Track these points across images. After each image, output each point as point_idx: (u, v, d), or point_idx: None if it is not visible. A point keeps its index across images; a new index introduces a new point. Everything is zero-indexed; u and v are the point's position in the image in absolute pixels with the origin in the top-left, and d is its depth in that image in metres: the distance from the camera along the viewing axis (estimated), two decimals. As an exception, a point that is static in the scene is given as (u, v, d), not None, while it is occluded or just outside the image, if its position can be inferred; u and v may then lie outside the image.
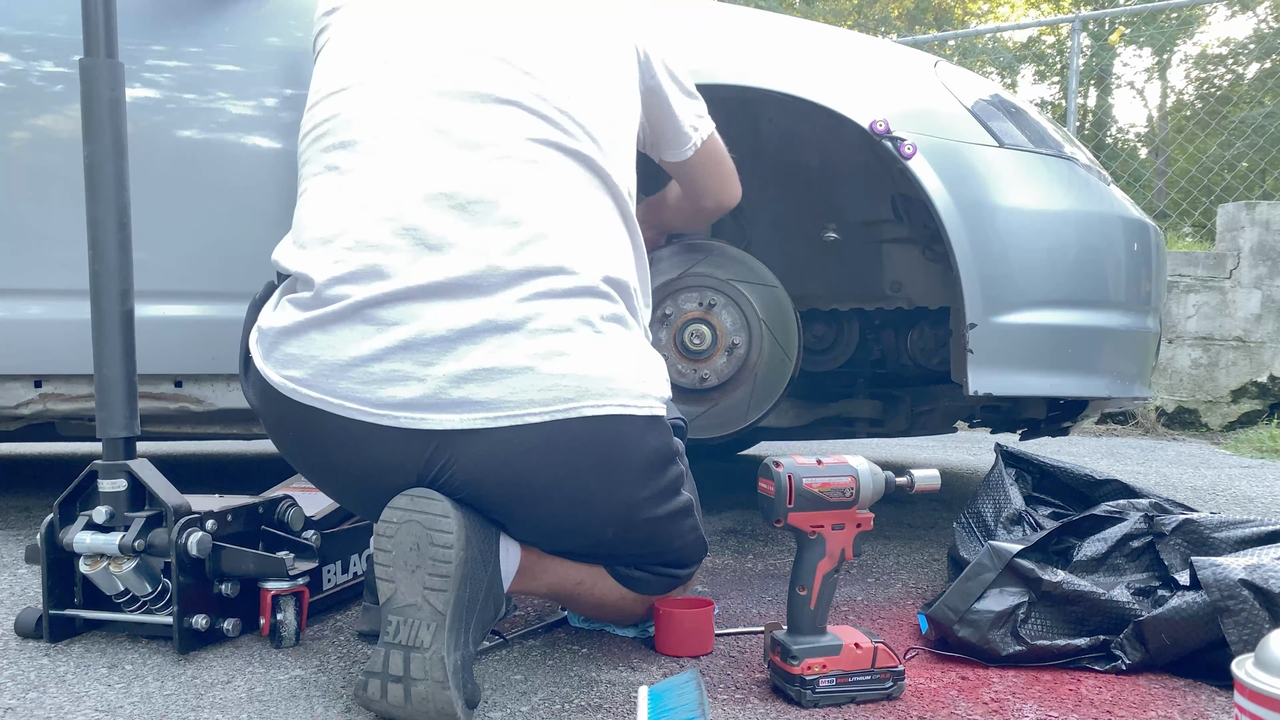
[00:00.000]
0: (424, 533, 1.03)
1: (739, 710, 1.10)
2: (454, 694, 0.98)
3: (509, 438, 1.05)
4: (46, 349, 1.87)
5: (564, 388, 1.05)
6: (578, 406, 1.06)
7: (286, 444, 1.21)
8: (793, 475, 1.12)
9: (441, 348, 1.04)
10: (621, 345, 1.13)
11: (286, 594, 1.30)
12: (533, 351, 1.05)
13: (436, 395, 1.04)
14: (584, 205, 1.17)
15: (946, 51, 10.33)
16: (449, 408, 1.04)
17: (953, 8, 18.75)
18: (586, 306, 1.10)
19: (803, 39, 2.03)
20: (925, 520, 2.37)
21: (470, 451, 1.06)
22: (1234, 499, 2.85)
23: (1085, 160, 2.06)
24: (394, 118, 1.16)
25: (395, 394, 1.04)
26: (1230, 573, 1.18)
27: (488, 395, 1.04)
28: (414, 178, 1.11)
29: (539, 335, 1.06)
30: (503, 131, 1.14)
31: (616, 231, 1.21)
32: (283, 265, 1.17)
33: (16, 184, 1.84)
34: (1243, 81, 14.86)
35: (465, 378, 1.04)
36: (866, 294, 2.32)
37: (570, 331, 1.08)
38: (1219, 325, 5.07)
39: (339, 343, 1.06)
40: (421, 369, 1.04)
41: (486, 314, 1.05)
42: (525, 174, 1.13)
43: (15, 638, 1.34)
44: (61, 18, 1.83)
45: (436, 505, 1.04)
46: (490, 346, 1.04)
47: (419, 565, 1.02)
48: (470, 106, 1.15)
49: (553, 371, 1.05)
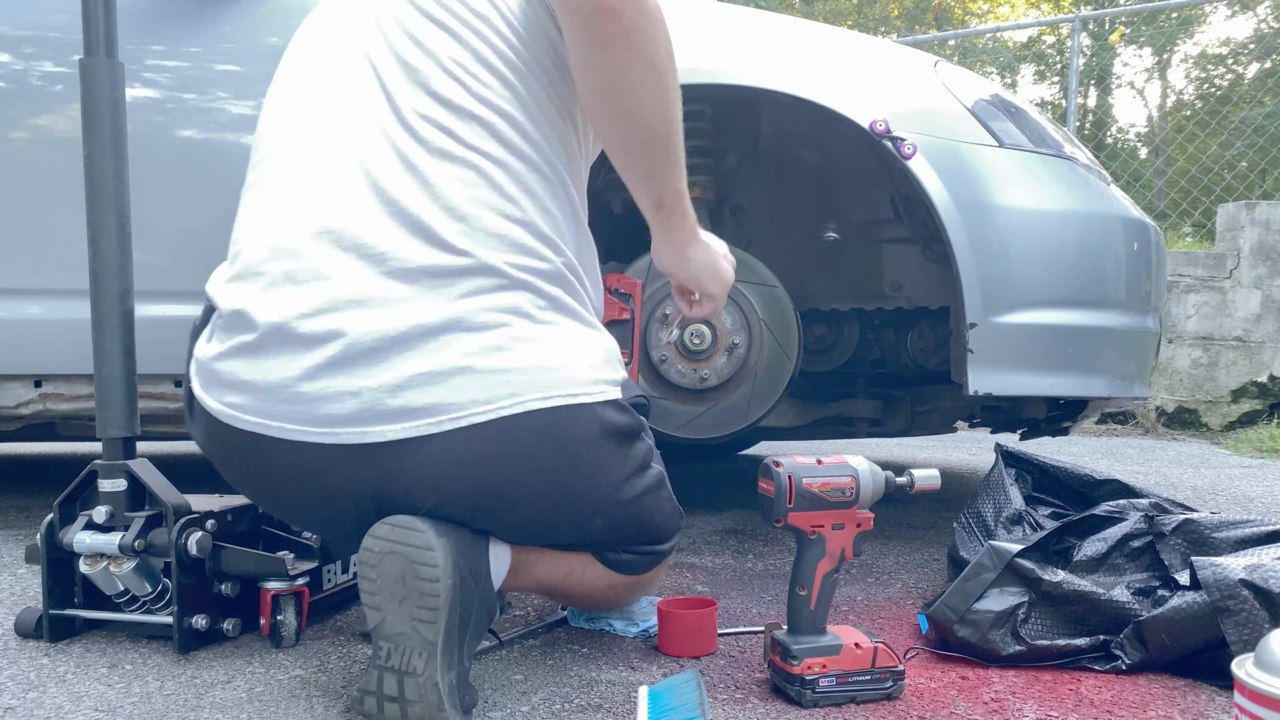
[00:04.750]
0: (408, 565, 0.99)
1: (739, 710, 1.10)
2: (450, 713, 0.97)
3: (458, 441, 1.01)
4: (46, 349, 1.87)
5: (506, 383, 1.01)
6: (523, 400, 1.02)
7: (239, 476, 1.17)
8: (793, 475, 1.12)
9: (371, 358, 1.00)
10: (562, 332, 1.08)
11: (286, 594, 1.30)
12: (467, 350, 1.01)
13: (374, 406, 1.00)
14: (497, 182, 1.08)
15: (946, 51, 10.33)
16: (390, 418, 1.00)
17: (953, 8, 18.75)
18: (519, 298, 1.05)
19: (803, 39, 2.03)
20: (925, 520, 2.37)
21: (424, 461, 1.02)
22: (1234, 499, 2.85)
23: (1085, 160, 2.06)
24: (294, 125, 1.14)
25: (333, 410, 1.01)
26: (1230, 573, 1.18)
27: (427, 400, 1.00)
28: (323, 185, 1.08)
29: (472, 333, 1.02)
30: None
31: (537, 201, 1.10)
32: (208, 292, 1.14)
33: (16, 184, 1.84)
34: (1243, 81, 14.86)
35: (401, 386, 1.00)
36: (866, 294, 2.32)
37: (505, 327, 1.03)
38: (1219, 325, 5.07)
39: (270, 365, 1.03)
40: (355, 382, 1.00)
41: (415, 318, 1.01)
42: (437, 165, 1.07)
43: (15, 638, 1.34)
44: (61, 18, 1.83)
45: (418, 536, 1.00)
46: (424, 351, 1.00)
47: (406, 597, 0.99)
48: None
49: (492, 368, 1.01)
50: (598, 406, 1.08)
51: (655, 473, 1.20)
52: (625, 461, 1.14)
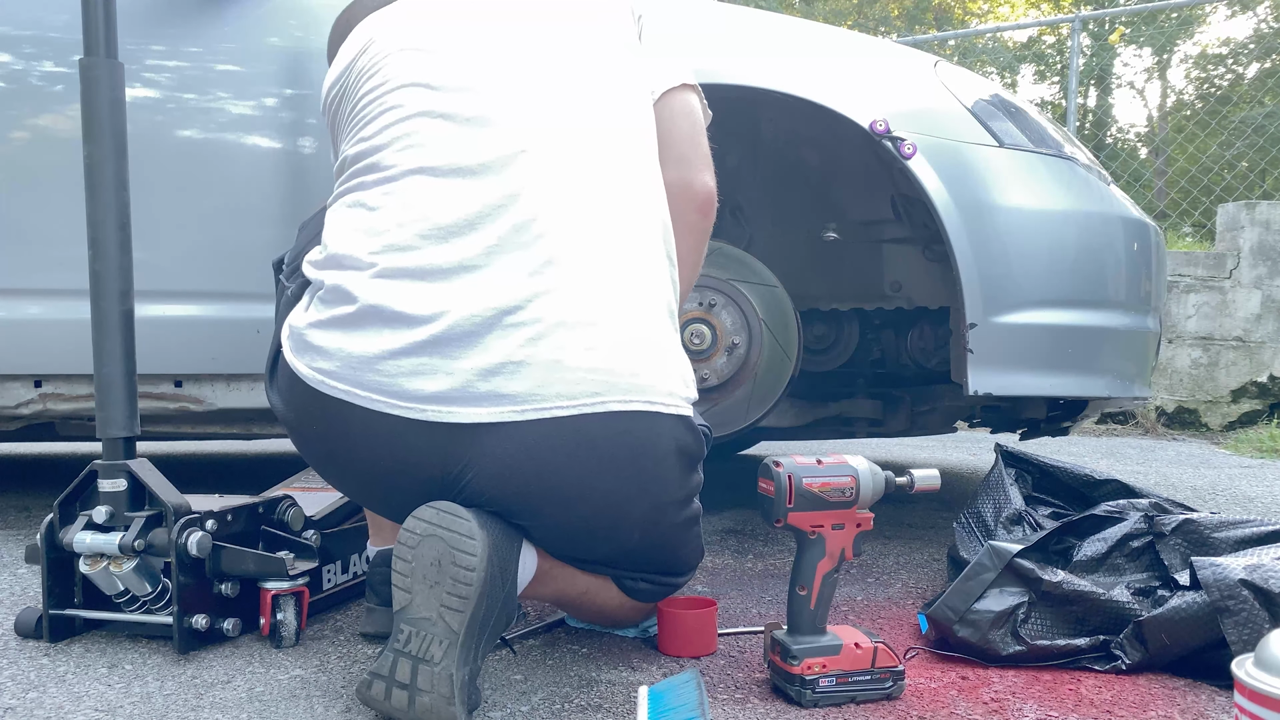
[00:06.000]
0: (447, 550, 1.00)
1: (739, 710, 1.10)
2: (458, 709, 0.97)
3: (535, 432, 1.04)
4: (46, 349, 1.87)
5: (592, 381, 1.04)
6: (604, 401, 1.05)
7: (309, 442, 1.20)
8: (793, 475, 1.12)
9: (468, 341, 1.04)
10: (653, 341, 1.12)
11: (286, 594, 1.30)
12: (561, 344, 1.04)
13: (464, 388, 1.03)
14: (615, 203, 1.16)
15: (946, 51, 10.33)
16: (476, 401, 1.03)
17: (953, 8, 18.75)
18: (620, 300, 1.09)
19: (803, 39, 2.03)
20: (925, 520, 2.37)
21: (495, 448, 1.04)
22: (1234, 499, 2.85)
23: (1085, 160, 2.06)
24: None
25: (422, 387, 1.04)
26: (1230, 573, 1.18)
27: (515, 389, 1.03)
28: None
29: (568, 328, 1.05)
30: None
31: (650, 228, 1.19)
32: (310, 271, 1.18)
33: (16, 184, 1.84)
34: (1243, 81, 14.86)
35: (493, 371, 1.03)
36: (866, 294, 2.32)
37: (598, 325, 1.07)
38: (1219, 325, 5.07)
39: (367, 337, 1.06)
40: (449, 362, 1.04)
41: (514, 305, 1.05)
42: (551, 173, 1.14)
43: (15, 638, 1.34)
44: (61, 17, 1.83)
45: (462, 524, 1.01)
46: (518, 339, 1.04)
47: (438, 581, 1.00)
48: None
49: (580, 365, 1.04)
50: (672, 419, 1.11)
51: (697, 508, 1.23)
52: (683, 484, 1.16)
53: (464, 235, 1.08)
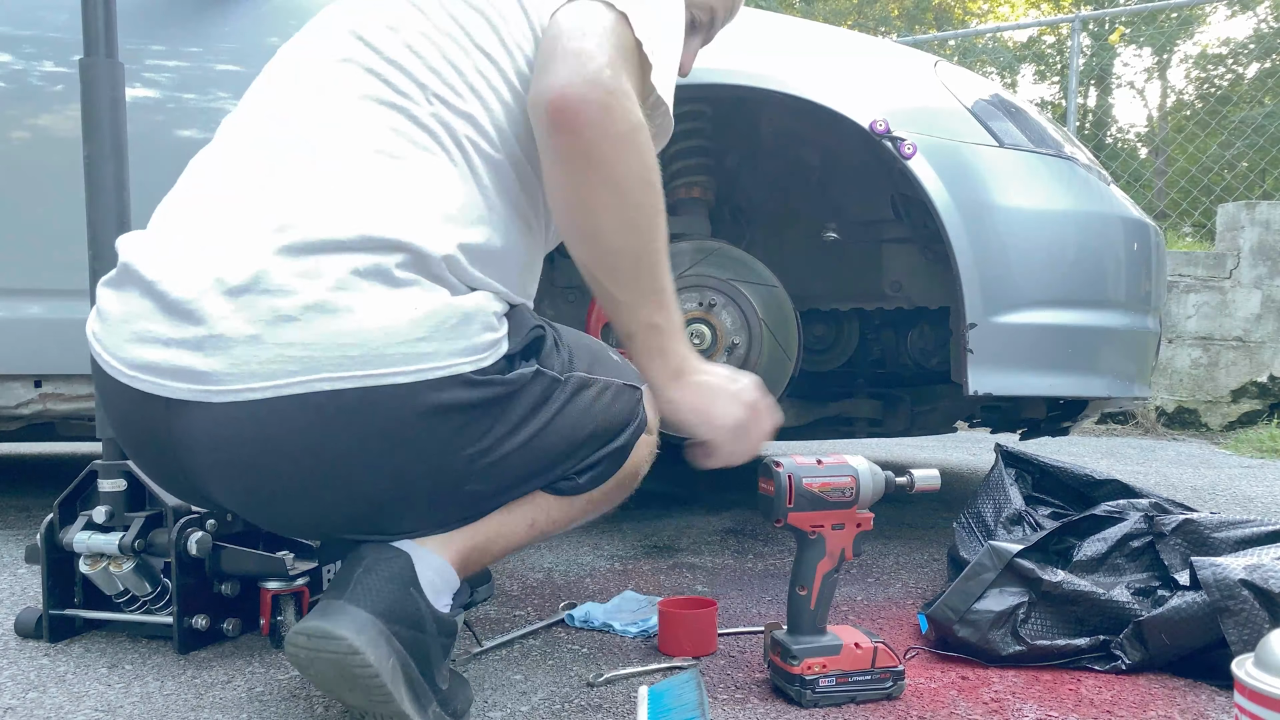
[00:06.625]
0: (341, 668, 0.91)
1: (739, 710, 1.10)
2: None
3: (233, 414, 0.91)
4: (46, 349, 1.87)
5: (289, 358, 0.90)
6: (307, 380, 0.90)
7: (104, 413, 1.10)
8: (793, 475, 1.12)
9: (181, 312, 0.92)
10: (382, 305, 0.92)
11: (286, 594, 1.30)
12: (258, 317, 0.90)
13: (173, 361, 0.92)
14: (377, 157, 0.99)
15: (946, 51, 10.33)
16: (183, 376, 0.91)
17: (953, 8, 18.75)
18: (336, 262, 0.92)
19: (803, 38, 2.03)
20: (925, 520, 2.37)
21: (202, 425, 0.93)
22: (1234, 499, 2.85)
23: (1085, 160, 2.06)
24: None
25: (142, 355, 0.94)
26: (1230, 573, 1.18)
27: (213, 365, 0.91)
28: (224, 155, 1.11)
29: (272, 296, 0.91)
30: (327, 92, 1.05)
31: (432, 186, 0.99)
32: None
33: (16, 184, 1.84)
34: (1243, 81, 14.86)
35: (199, 344, 0.91)
36: (866, 294, 2.32)
37: (298, 294, 0.91)
38: (1219, 325, 5.07)
39: (118, 299, 0.98)
40: (169, 330, 0.93)
41: (221, 273, 0.92)
42: (323, 134, 1.02)
43: (15, 638, 1.34)
44: (61, 17, 1.83)
45: (339, 643, 0.89)
46: (222, 311, 0.91)
47: (353, 684, 0.91)
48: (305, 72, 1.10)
49: (279, 340, 0.90)
50: (406, 388, 0.92)
51: (555, 406, 1.03)
52: (469, 437, 0.97)
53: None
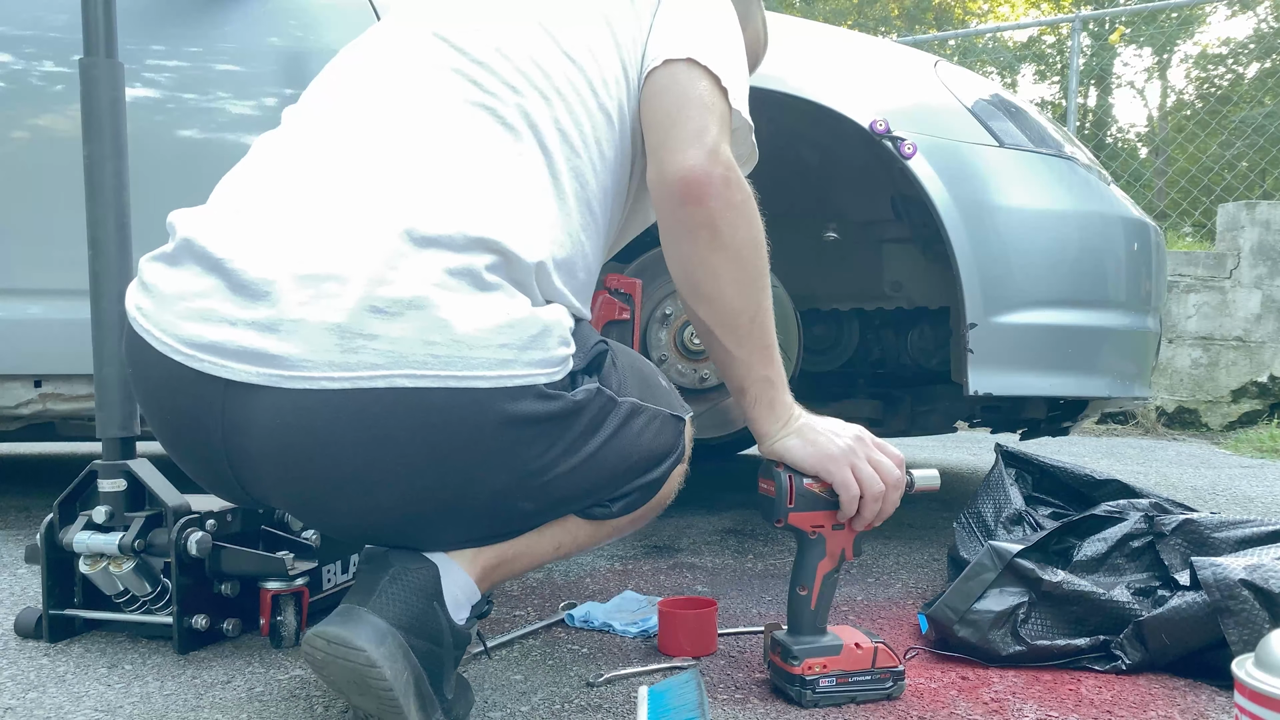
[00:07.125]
0: (356, 674, 0.89)
1: (739, 710, 1.10)
2: None
3: (303, 402, 0.88)
4: (46, 349, 1.87)
5: (373, 350, 0.87)
6: (389, 375, 0.88)
7: (136, 394, 1.07)
8: (793, 475, 1.12)
9: (254, 293, 0.90)
10: (471, 308, 0.91)
11: (286, 594, 1.30)
12: (345, 307, 0.88)
13: (240, 342, 0.89)
14: (482, 160, 1.00)
15: (946, 51, 10.33)
16: (251, 358, 0.89)
17: (953, 7, 18.75)
18: (430, 259, 0.91)
19: (803, 38, 2.03)
20: (925, 520, 2.37)
21: (266, 411, 0.90)
22: (1234, 499, 2.85)
23: (1085, 160, 2.06)
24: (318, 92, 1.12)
25: (202, 333, 0.91)
26: (1230, 573, 1.18)
27: (288, 350, 0.88)
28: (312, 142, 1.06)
29: (361, 286, 0.89)
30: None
31: (522, 190, 1.00)
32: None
33: (16, 184, 1.84)
34: (1243, 81, 14.86)
35: (272, 325, 0.89)
36: (866, 294, 2.32)
37: (390, 286, 0.89)
38: (1219, 325, 5.07)
39: (175, 276, 0.96)
40: (236, 310, 0.90)
41: (304, 258, 0.91)
42: (424, 130, 1.01)
43: (15, 638, 1.34)
44: (61, 17, 1.83)
45: (358, 654, 0.88)
46: (301, 296, 0.89)
47: (365, 691, 0.90)
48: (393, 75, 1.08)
49: (365, 331, 0.88)
50: (484, 393, 0.90)
51: (611, 427, 1.02)
52: (534, 448, 0.96)
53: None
